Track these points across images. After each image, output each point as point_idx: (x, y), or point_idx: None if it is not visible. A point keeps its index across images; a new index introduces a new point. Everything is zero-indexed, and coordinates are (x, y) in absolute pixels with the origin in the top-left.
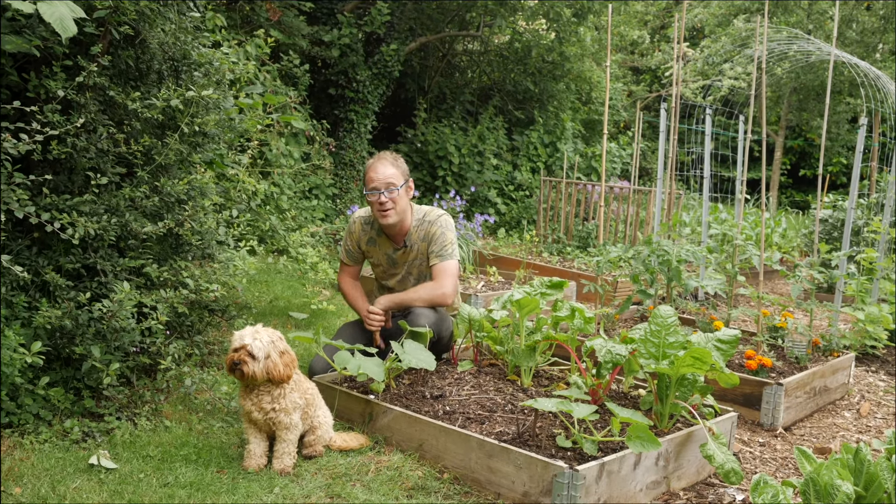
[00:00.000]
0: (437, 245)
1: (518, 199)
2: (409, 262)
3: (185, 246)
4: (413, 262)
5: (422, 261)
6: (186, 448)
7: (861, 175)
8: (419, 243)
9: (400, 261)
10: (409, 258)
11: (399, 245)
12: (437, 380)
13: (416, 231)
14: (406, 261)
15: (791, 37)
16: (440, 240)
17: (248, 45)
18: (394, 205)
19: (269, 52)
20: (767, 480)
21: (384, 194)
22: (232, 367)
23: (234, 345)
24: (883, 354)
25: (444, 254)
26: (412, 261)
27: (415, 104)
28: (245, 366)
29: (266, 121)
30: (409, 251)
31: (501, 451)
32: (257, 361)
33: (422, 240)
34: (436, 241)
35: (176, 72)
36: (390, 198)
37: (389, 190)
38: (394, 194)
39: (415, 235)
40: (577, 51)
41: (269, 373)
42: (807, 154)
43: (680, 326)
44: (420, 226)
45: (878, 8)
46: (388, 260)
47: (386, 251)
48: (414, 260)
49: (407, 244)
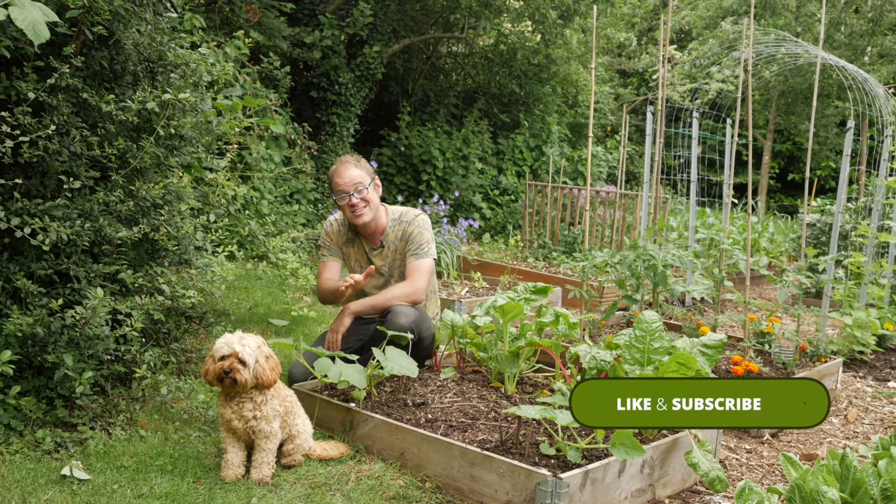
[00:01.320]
0: (414, 244)
1: (503, 204)
2: (388, 264)
3: (161, 251)
4: (393, 263)
5: (401, 262)
6: (162, 458)
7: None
8: (396, 243)
9: (377, 261)
10: (387, 259)
11: (376, 245)
12: (420, 387)
13: (392, 231)
14: (384, 261)
15: (779, 39)
16: (417, 239)
17: (228, 47)
18: (366, 203)
19: (248, 53)
20: (752, 487)
21: (354, 196)
22: (221, 377)
23: (220, 352)
24: (871, 360)
25: (420, 252)
26: (391, 262)
27: (398, 107)
28: (237, 373)
29: (244, 123)
30: (387, 251)
31: (484, 459)
32: (248, 368)
33: (399, 239)
34: (412, 241)
35: (152, 73)
36: (361, 198)
37: (358, 190)
38: (363, 194)
39: (391, 235)
40: (564, 53)
41: (258, 378)
42: (795, 158)
43: (666, 332)
44: (397, 226)
45: (867, 11)
46: (367, 261)
47: (364, 251)
48: (393, 262)
49: (384, 244)
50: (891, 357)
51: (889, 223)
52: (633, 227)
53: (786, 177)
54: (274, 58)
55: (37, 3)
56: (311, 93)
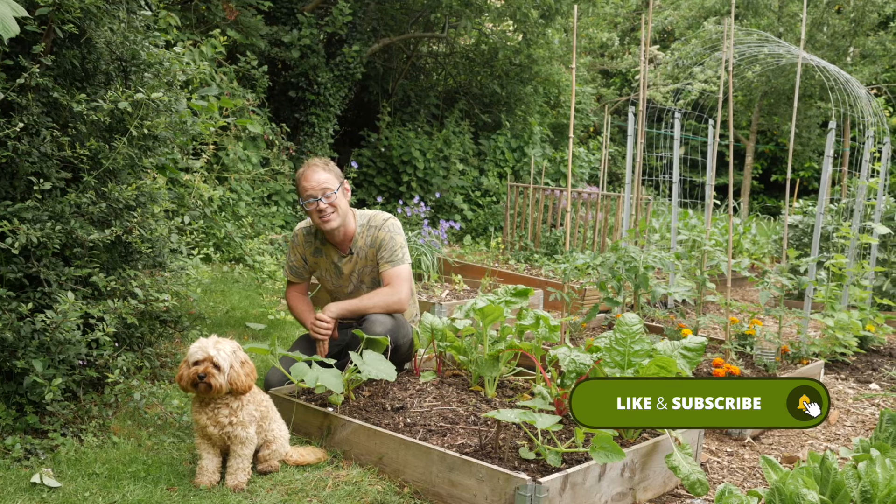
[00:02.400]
0: (387, 251)
1: (485, 206)
2: (358, 271)
3: (134, 254)
4: (363, 270)
5: (372, 268)
6: (135, 465)
7: (833, 180)
8: (366, 249)
9: (346, 270)
10: (356, 266)
11: (345, 252)
12: (399, 391)
13: (361, 237)
14: (354, 269)
15: (761, 40)
16: (389, 245)
17: (204, 46)
18: (334, 208)
19: (225, 52)
20: (732, 490)
21: (322, 201)
22: (195, 381)
23: (194, 357)
24: (853, 362)
25: (395, 259)
26: (361, 269)
27: (378, 107)
28: (212, 378)
29: (220, 123)
30: (356, 258)
31: (463, 463)
32: (223, 373)
33: (369, 246)
34: (385, 247)
35: (124, 72)
36: (329, 203)
37: (326, 195)
38: (331, 198)
39: (360, 241)
40: (545, 53)
41: (233, 384)
42: (778, 159)
43: (647, 334)
44: (366, 231)
45: (849, 11)
46: (336, 270)
47: (332, 260)
48: (364, 268)
49: (353, 251)
50: (872, 359)
51: (871, 224)
52: (616, 229)
53: (769, 178)
54: (251, 57)
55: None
56: (289, 93)
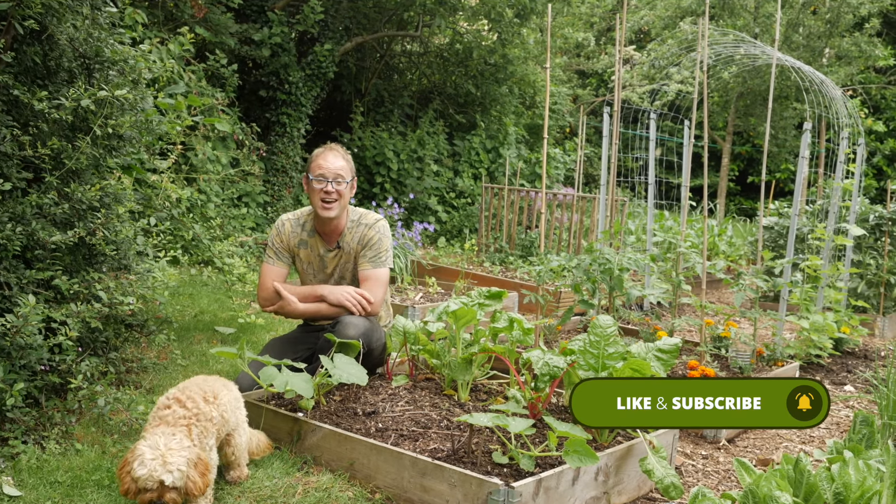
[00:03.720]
0: (372, 251)
1: (459, 207)
2: (340, 266)
3: (98, 256)
4: (346, 265)
5: (355, 265)
6: (99, 472)
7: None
8: (353, 246)
9: (330, 263)
10: (340, 261)
11: (332, 246)
12: (370, 395)
13: (350, 232)
14: (338, 263)
15: (737, 40)
16: (377, 246)
17: (171, 44)
18: (338, 197)
19: (193, 50)
20: (706, 493)
21: (331, 184)
22: None
23: (144, 483)
24: (828, 364)
25: (378, 260)
26: (344, 264)
27: (351, 107)
28: (168, 498)
29: (187, 122)
30: (342, 253)
31: (435, 468)
32: (178, 490)
33: (356, 243)
34: (371, 247)
35: (88, 70)
36: (336, 189)
37: (337, 181)
38: (340, 186)
39: (349, 237)
40: (521, 53)
41: (189, 493)
42: (755, 160)
43: (622, 337)
44: (356, 228)
45: (824, 12)
46: (320, 262)
47: (318, 252)
48: (346, 263)
49: (340, 245)
50: (847, 361)
51: (845, 225)
52: (591, 231)
53: (745, 179)
54: (220, 55)
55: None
56: (259, 92)
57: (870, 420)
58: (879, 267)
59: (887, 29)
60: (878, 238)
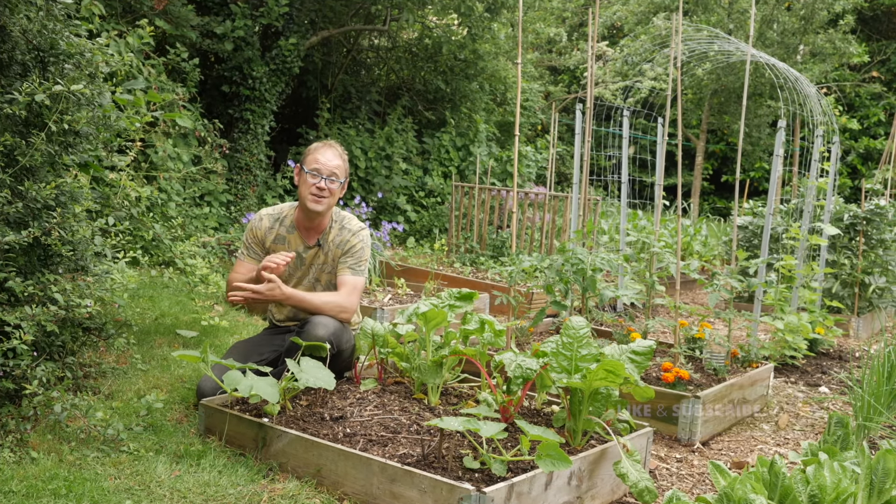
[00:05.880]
0: (353, 258)
1: (429, 206)
2: (317, 266)
3: (54, 257)
4: (322, 266)
5: (332, 268)
6: (56, 481)
7: (784, 180)
8: (333, 249)
9: (308, 261)
10: (318, 261)
11: (311, 244)
12: (338, 400)
13: (332, 233)
14: (315, 263)
15: (711, 36)
16: (358, 255)
17: (130, 37)
18: (329, 195)
19: (153, 44)
20: (680, 497)
21: (325, 181)
22: None
23: None
24: (802, 364)
25: (357, 269)
26: (321, 265)
27: (317, 103)
28: None
29: (147, 118)
30: (321, 252)
31: (405, 474)
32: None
33: (337, 246)
34: (353, 255)
35: (42, 63)
36: (329, 187)
37: (331, 179)
38: (333, 185)
39: (330, 237)
40: (491, 48)
41: None
42: (729, 159)
43: (596, 338)
44: (339, 231)
45: (798, 8)
46: (298, 260)
47: (296, 248)
48: (324, 265)
49: (321, 244)
50: (822, 362)
51: (820, 225)
52: (564, 230)
53: (719, 178)
54: (181, 49)
55: None
56: (222, 87)
57: (845, 422)
58: (854, 267)
59: (861, 26)
60: (853, 237)
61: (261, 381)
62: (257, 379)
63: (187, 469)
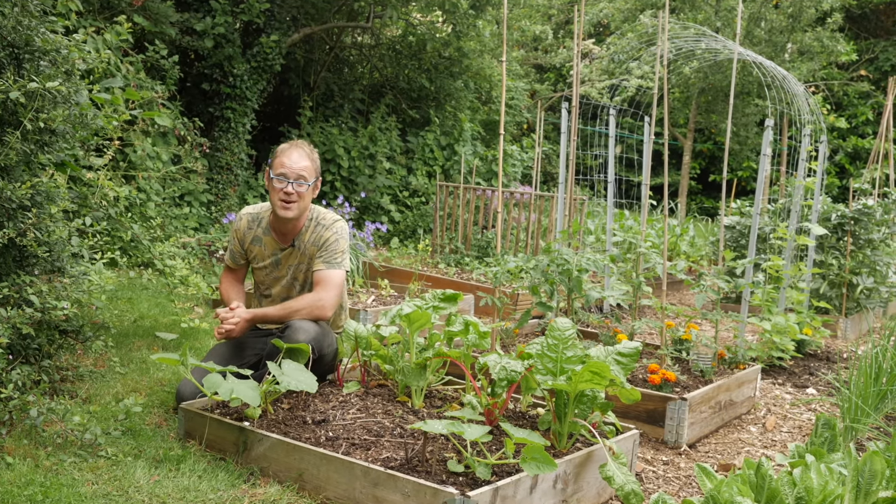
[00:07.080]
0: (328, 252)
1: (413, 206)
2: (294, 266)
3: (30, 258)
4: (299, 266)
5: (309, 266)
6: (31, 487)
7: (771, 180)
8: (309, 247)
9: (284, 262)
10: (294, 261)
11: (286, 245)
12: (321, 403)
13: (307, 232)
14: (292, 263)
15: (699, 34)
16: (332, 247)
17: (108, 33)
18: (298, 199)
19: (131, 41)
20: (666, 500)
21: (292, 185)
22: None
23: None
24: (790, 366)
25: (333, 262)
26: (298, 265)
27: (299, 102)
28: None
29: (125, 116)
30: (297, 252)
31: (388, 478)
32: None
33: (312, 244)
34: (327, 248)
35: (17, 60)
36: (297, 191)
37: (299, 182)
38: (302, 188)
39: (305, 236)
40: (476, 46)
41: None
42: (717, 158)
43: (581, 340)
44: (314, 228)
45: (786, 6)
46: (274, 261)
47: (272, 250)
48: (300, 264)
49: (296, 244)
50: (810, 363)
51: (808, 225)
52: (549, 231)
53: (707, 178)
54: (160, 46)
55: None
56: (202, 85)
57: (832, 423)
58: (842, 267)
59: (850, 24)
60: (841, 238)
61: (242, 385)
62: (238, 382)
63: (166, 474)
